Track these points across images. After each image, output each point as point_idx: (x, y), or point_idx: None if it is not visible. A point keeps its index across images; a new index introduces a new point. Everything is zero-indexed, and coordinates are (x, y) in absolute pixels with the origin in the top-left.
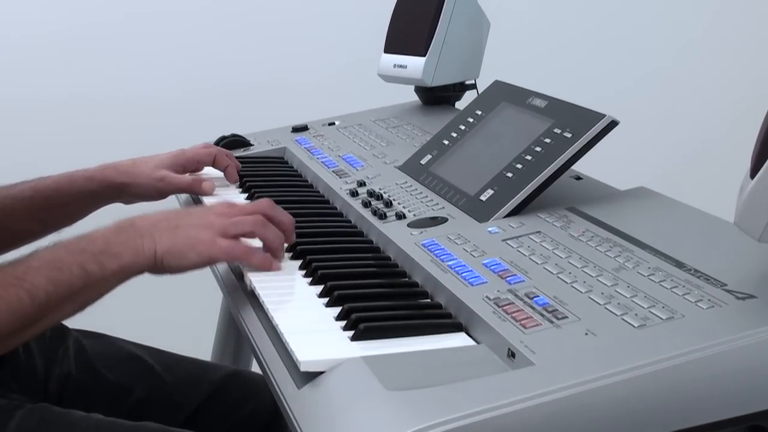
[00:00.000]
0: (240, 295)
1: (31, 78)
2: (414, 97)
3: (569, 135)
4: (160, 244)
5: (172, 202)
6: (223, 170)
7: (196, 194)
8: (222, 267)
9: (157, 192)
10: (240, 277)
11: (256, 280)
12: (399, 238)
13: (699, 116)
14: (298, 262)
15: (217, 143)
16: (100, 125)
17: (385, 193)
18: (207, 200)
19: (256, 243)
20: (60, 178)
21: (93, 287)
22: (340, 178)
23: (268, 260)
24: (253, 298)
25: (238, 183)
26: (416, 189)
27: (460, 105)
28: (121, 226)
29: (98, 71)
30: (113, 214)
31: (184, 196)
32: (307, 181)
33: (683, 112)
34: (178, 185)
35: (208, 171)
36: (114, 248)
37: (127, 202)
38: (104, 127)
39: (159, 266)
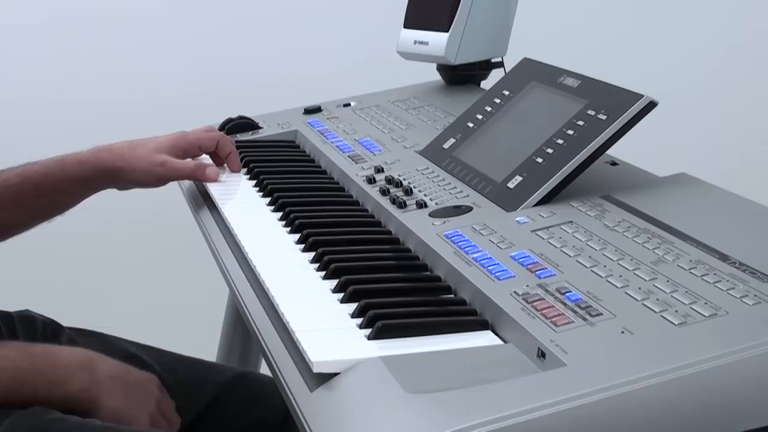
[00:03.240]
0: (248, 290)
1: (28, 77)
2: (436, 76)
3: (604, 117)
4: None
5: (173, 191)
6: (225, 158)
7: (199, 181)
8: (228, 259)
9: (156, 178)
10: (247, 270)
11: (265, 273)
12: (420, 228)
13: (743, 98)
14: (311, 255)
15: (223, 126)
16: (100, 109)
17: (404, 179)
18: (212, 189)
19: None
20: (49, 163)
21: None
22: (356, 163)
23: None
24: (261, 293)
25: (242, 171)
26: (438, 175)
27: (486, 84)
28: (82, 363)
29: (99, 54)
30: (107, 204)
31: (187, 184)
32: (320, 166)
33: (726, 93)
34: (179, 171)
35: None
36: (63, 379)
37: (122, 188)
38: (105, 112)
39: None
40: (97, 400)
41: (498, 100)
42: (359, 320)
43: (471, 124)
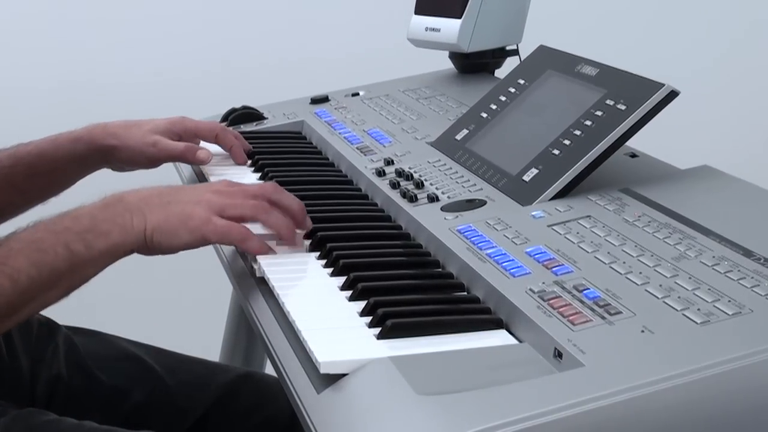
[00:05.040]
0: (252, 287)
1: (22, 60)
2: (448, 65)
3: (623, 107)
4: (150, 219)
5: (171, 177)
6: (228, 150)
7: (189, 163)
8: (230, 254)
9: (148, 158)
10: (251, 266)
11: (270, 271)
12: (431, 223)
13: None
14: (318, 251)
15: (226, 116)
16: (96, 97)
17: (415, 172)
18: (211, 176)
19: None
20: (42, 143)
21: (79, 269)
22: (365, 155)
23: (265, 248)
24: (266, 290)
25: (248, 162)
26: (451, 168)
27: (501, 73)
28: (108, 201)
29: (97, 40)
30: (102, 187)
31: (186, 169)
32: (327, 158)
33: (752, 80)
34: (170, 152)
35: (214, 149)
36: (101, 226)
37: (115, 168)
38: (101, 105)
39: (149, 244)
40: (144, 229)
41: (513, 90)
42: (368, 319)
43: (485, 115)
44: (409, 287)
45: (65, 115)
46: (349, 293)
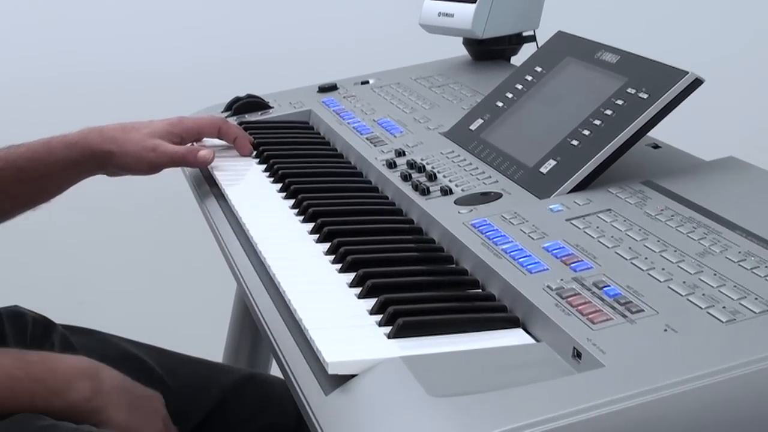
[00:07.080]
0: (257, 284)
1: (17, 48)
2: (462, 51)
3: (645, 96)
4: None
5: (175, 177)
6: (232, 142)
7: (191, 166)
8: (237, 252)
9: (147, 164)
10: (257, 263)
11: (276, 267)
12: (444, 217)
13: None
14: (326, 246)
15: (230, 105)
16: (92, 91)
17: (428, 164)
18: (218, 174)
19: None
20: (35, 146)
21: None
22: (375, 146)
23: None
24: (272, 288)
25: (253, 153)
26: (465, 159)
27: (517, 60)
28: (85, 371)
29: (93, 25)
30: (97, 190)
31: (191, 172)
32: (335, 149)
33: None
34: (171, 156)
35: (215, 143)
36: (63, 388)
37: (111, 174)
38: (97, 95)
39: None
40: (103, 411)
41: (530, 78)
42: (378, 317)
43: (500, 104)
44: (422, 284)
45: (63, 107)
46: (358, 290)
